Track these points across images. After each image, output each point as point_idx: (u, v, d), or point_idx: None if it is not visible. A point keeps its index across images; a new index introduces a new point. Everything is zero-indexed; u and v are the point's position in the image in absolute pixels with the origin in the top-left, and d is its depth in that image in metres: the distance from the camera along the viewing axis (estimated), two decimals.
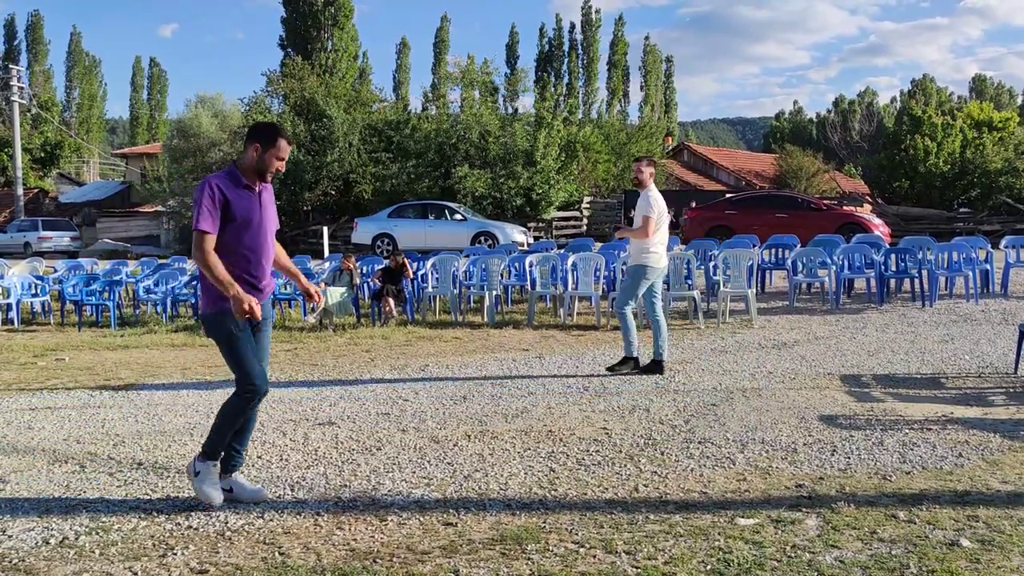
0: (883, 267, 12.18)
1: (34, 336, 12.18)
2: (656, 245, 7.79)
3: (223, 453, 4.39)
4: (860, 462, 4.92)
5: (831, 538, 3.77)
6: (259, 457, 5.32)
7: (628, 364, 7.89)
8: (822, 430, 5.64)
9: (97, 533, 4.06)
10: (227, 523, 4.15)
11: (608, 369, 7.94)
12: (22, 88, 41.15)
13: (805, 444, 5.31)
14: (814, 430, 5.65)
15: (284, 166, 4.41)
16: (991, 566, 3.44)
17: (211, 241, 4.25)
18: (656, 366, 7.83)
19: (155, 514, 4.30)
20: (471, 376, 7.97)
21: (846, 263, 12.54)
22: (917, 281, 11.96)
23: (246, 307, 4.15)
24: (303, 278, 4.74)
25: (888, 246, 13.70)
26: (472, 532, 3.97)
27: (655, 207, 7.74)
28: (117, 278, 14.56)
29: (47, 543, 3.96)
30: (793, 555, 3.60)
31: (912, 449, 5.13)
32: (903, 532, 3.82)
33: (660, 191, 8.05)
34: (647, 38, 73.39)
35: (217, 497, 4.34)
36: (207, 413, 6.64)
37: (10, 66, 43.85)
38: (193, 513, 4.30)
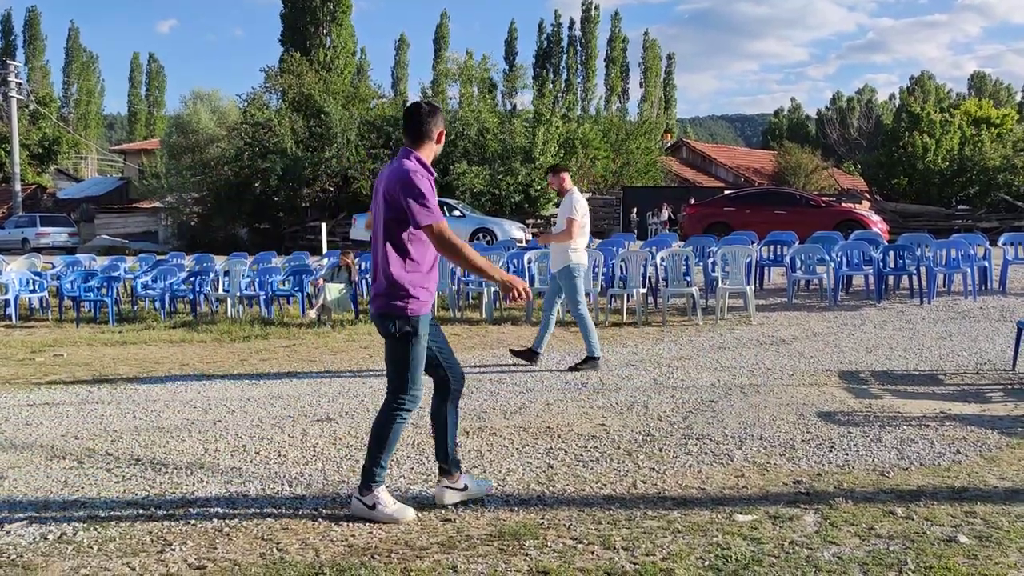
0: (881, 264, 12.18)
1: (32, 332, 12.17)
2: (580, 245, 7.99)
3: (451, 455, 4.28)
4: (858, 458, 4.92)
5: (829, 534, 3.77)
6: (257, 453, 5.32)
7: (591, 363, 7.98)
8: (820, 426, 5.65)
9: (95, 529, 4.06)
10: (225, 519, 4.15)
11: (570, 368, 8.02)
12: (20, 84, 41.09)
13: (803, 440, 5.32)
14: (812, 426, 5.65)
15: None
16: (988, 562, 3.44)
17: (449, 229, 4.01)
18: (531, 354, 8.17)
19: (153, 510, 4.30)
20: (469, 372, 7.95)
21: (844, 260, 12.55)
22: (915, 278, 11.97)
23: (520, 288, 4.16)
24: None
25: (887, 243, 13.71)
26: (470, 528, 3.97)
27: (578, 209, 7.92)
28: (115, 274, 14.53)
29: (45, 539, 3.95)
30: (791, 551, 3.60)
31: (910, 446, 5.14)
32: (901, 528, 3.82)
33: (659, 187, 8.12)
34: (646, 34, 73.34)
35: (407, 511, 4.06)
36: (205, 409, 6.65)
37: (7, 62, 43.72)
38: (191, 509, 4.30)
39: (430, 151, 4.21)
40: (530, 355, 8.20)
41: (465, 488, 4.27)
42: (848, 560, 3.49)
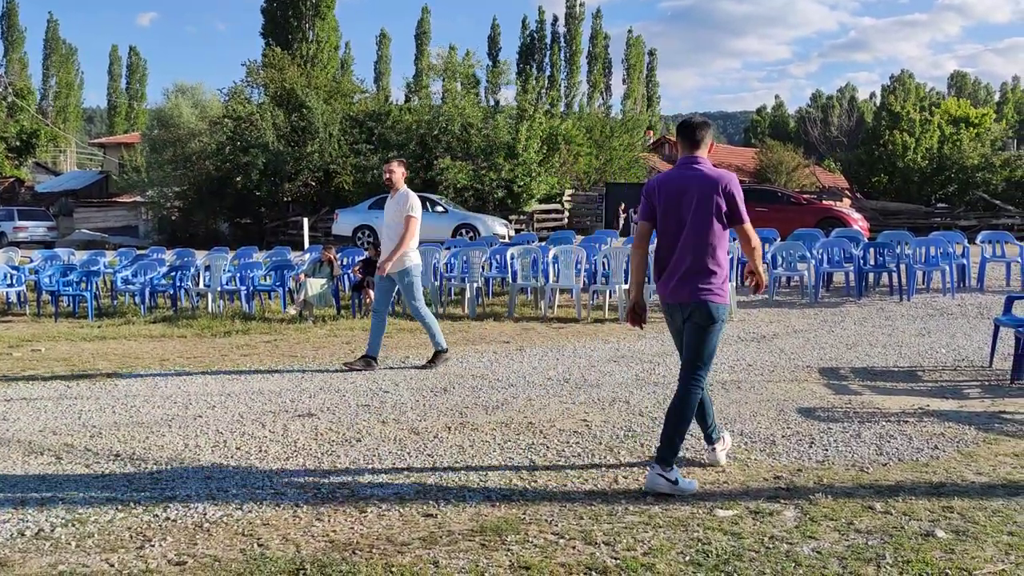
0: (862, 261, 12.27)
1: (9, 327, 12.05)
2: (415, 245, 7.87)
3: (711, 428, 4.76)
4: (838, 454, 4.96)
5: (809, 529, 3.80)
6: (238, 448, 5.30)
7: (441, 357, 7.99)
8: (800, 422, 5.68)
9: (73, 525, 4.03)
10: (205, 515, 4.13)
11: (423, 367, 7.96)
12: None
13: (784, 436, 5.35)
14: (792, 422, 5.69)
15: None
16: (965, 556, 3.48)
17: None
18: (367, 361, 7.98)
19: (132, 506, 4.28)
20: (451, 368, 7.97)
21: (825, 257, 12.63)
22: (895, 275, 12.06)
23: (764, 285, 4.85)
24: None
25: (867, 240, 13.80)
26: (452, 523, 3.97)
27: (418, 207, 7.82)
28: (95, 268, 14.42)
29: (22, 535, 3.92)
30: (771, 546, 3.62)
31: (889, 441, 5.18)
32: (879, 523, 3.86)
33: (642, 184, 8.11)
34: (630, 31, 73.47)
35: (695, 484, 4.43)
36: (185, 404, 6.61)
37: None
38: (171, 505, 4.27)
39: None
40: (366, 362, 7.97)
41: (676, 482, 4.36)
42: (827, 554, 3.52)
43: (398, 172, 7.89)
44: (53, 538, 3.88)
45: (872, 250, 12.72)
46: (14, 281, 14.46)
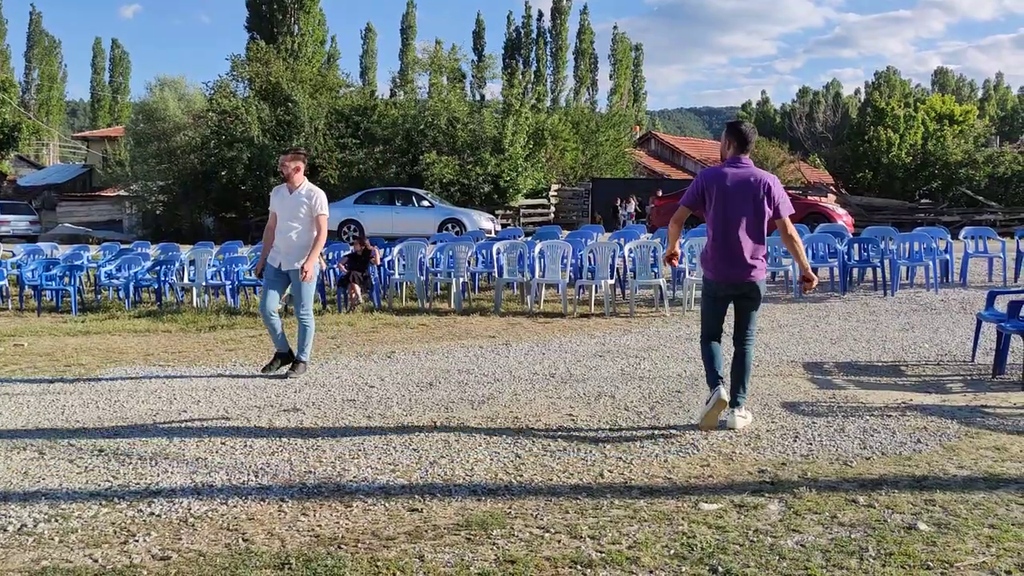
0: (846, 256, 12.33)
1: None
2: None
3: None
4: (822, 448, 4.99)
5: (793, 522, 3.82)
6: (223, 443, 5.28)
7: (300, 367, 7.49)
8: (785, 417, 5.72)
9: (56, 520, 4.00)
10: (190, 509, 4.12)
11: (285, 375, 7.42)
12: None
13: (768, 430, 5.38)
14: (777, 417, 5.72)
15: None
16: (947, 549, 3.51)
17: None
18: (298, 365, 7.50)
19: (116, 501, 4.26)
20: (437, 363, 7.96)
21: (810, 252, 12.67)
22: (879, 270, 12.13)
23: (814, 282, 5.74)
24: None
25: (851, 236, 13.87)
26: (437, 518, 3.97)
27: (327, 205, 7.50)
28: (78, 263, 14.32)
29: (4, 530, 3.90)
30: (755, 539, 3.64)
31: (872, 435, 5.21)
32: (863, 516, 3.88)
33: (628, 179, 8.08)
34: (615, 27, 73.49)
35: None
36: (169, 399, 6.58)
37: None
38: (155, 500, 4.26)
39: None
40: (287, 359, 7.56)
41: (746, 417, 5.54)
42: (811, 547, 3.54)
43: (291, 166, 7.35)
44: (36, 533, 3.86)
45: (856, 245, 12.79)
46: None
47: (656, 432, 5.38)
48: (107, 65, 79.43)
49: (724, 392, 5.36)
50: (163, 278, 13.33)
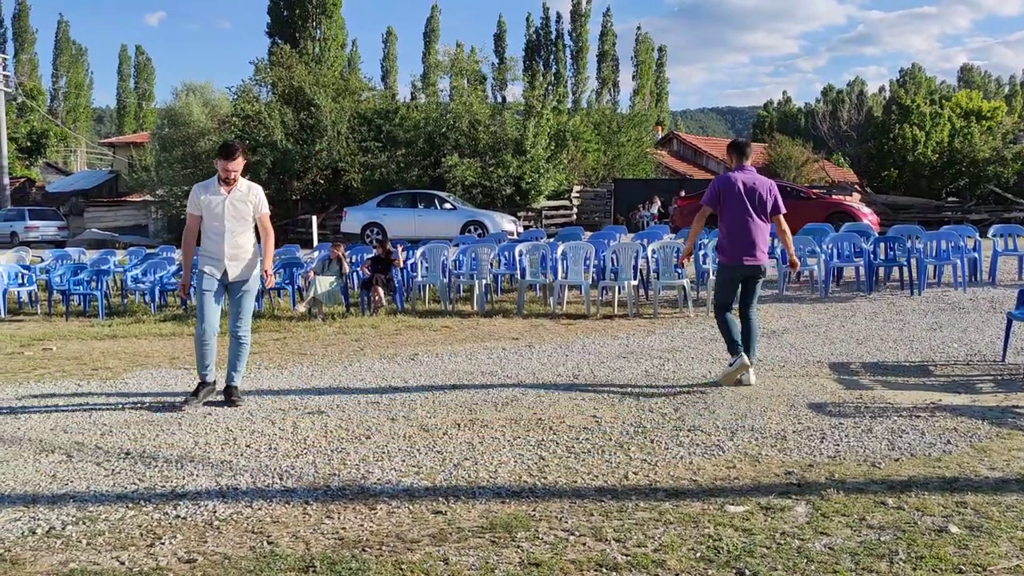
0: (872, 256, 12.21)
1: (21, 326, 12.10)
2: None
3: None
4: (849, 449, 4.93)
5: (820, 525, 3.78)
6: (248, 446, 5.30)
7: (229, 394, 6.54)
8: (811, 417, 5.66)
9: (84, 523, 4.03)
10: (215, 512, 4.13)
11: (188, 398, 6.47)
12: (8, 77, 40.81)
13: (794, 431, 5.32)
14: (803, 417, 5.66)
15: None
16: (979, 552, 3.45)
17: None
18: (230, 391, 6.53)
19: (143, 503, 4.28)
20: (461, 365, 7.96)
21: (835, 252, 12.57)
22: (906, 269, 12.00)
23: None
24: None
25: (877, 235, 13.73)
26: (462, 520, 3.96)
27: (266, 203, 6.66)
28: (105, 267, 14.47)
29: (34, 533, 3.93)
30: (783, 542, 3.60)
31: (901, 436, 5.15)
32: (892, 518, 3.83)
33: (650, 179, 8.10)
34: (639, 28, 73.36)
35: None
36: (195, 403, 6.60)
37: None
38: (181, 503, 4.28)
39: None
40: (207, 388, 6.51)
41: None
42: (839, 550, 3.50)
43: (240, 167, 6.49)
44: (64, 536, 3.88)
45: (883, 244, 12.66)
46: (25, 281, 14.53)
47: (681, 433, 5.34)
48: (132, 72, 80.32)
49: (747, 358, 6.58)
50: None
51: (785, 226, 6.90)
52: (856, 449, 4.93)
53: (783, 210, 6.83)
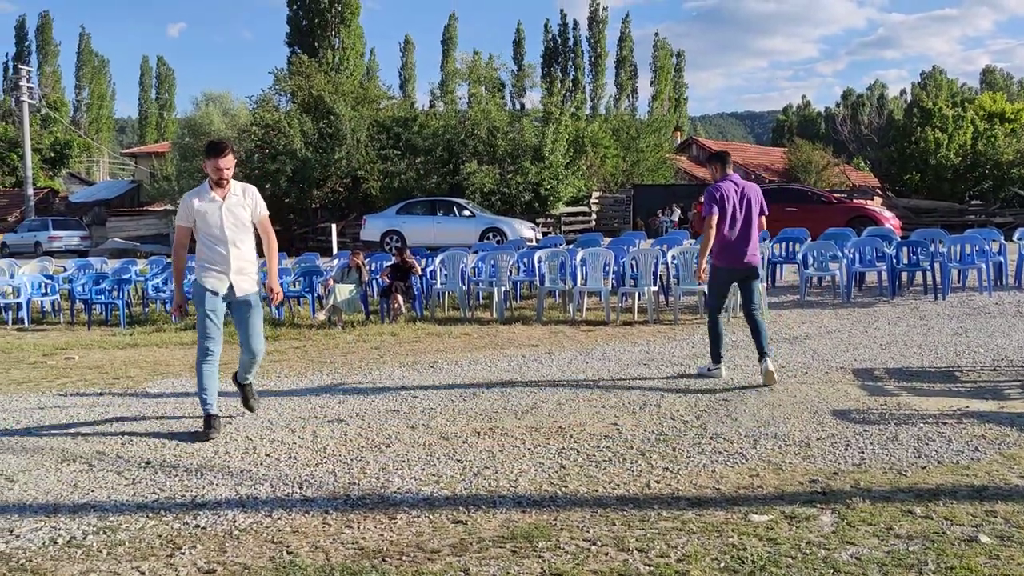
0: (895, 260, 12.08)
1: (44, 335, 12.19)
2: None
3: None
4: (874, 457, 4.85)
5: (846, 534, 3.71)
6: (267, 455, 5.29)
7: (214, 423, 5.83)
8: (835, 425, 5.58)
9: (105, 532, 4.03)
10: (235, 522, 4.12)
11: (193, 437, 5.78)
12: (31, 89, 41.28)
13: (818, 439, 5.25)
14: (827, 425, 5.59)
15: None
16: (1011, 562, 3.38)
17: None
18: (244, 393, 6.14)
19: (163, 513, 4.28)
20: (480, 372, 7.93)
21: (857, 256, 12.45)
22: (929, 274, 11.86)
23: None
24: None
25: (900, 239, 13.59)
26: (482, 530, 3.92)
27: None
28: (126, 277, 14.56)
29: (55, 543, 3.93)
30: (808, 552, 3.54)
31: (927, 443, 5.06)
32: (920, 528, 3.76)
33: (670, 185, 8.08)
34: (656, 34, 73.29)
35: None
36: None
37: (20, 67, 43.98)
38: (201, 512, 4.27)
39: None
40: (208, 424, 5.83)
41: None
42: (867, 561, 3.43)
43: (232, 167, 5.79)
44: (85, 546, 3.88)
45: (905, 249, 12.52)
46: (48, 290, 14.65)
47: (703, 441, 5.28)
48: (154, 82, 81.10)
49: (724, 371, 7.27)
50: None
51: (764, 226, 7.41)
52: (882, 457, 4.85)
53: (767, 212, 7.29)
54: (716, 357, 7.21)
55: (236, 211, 5.76)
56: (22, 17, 71.57)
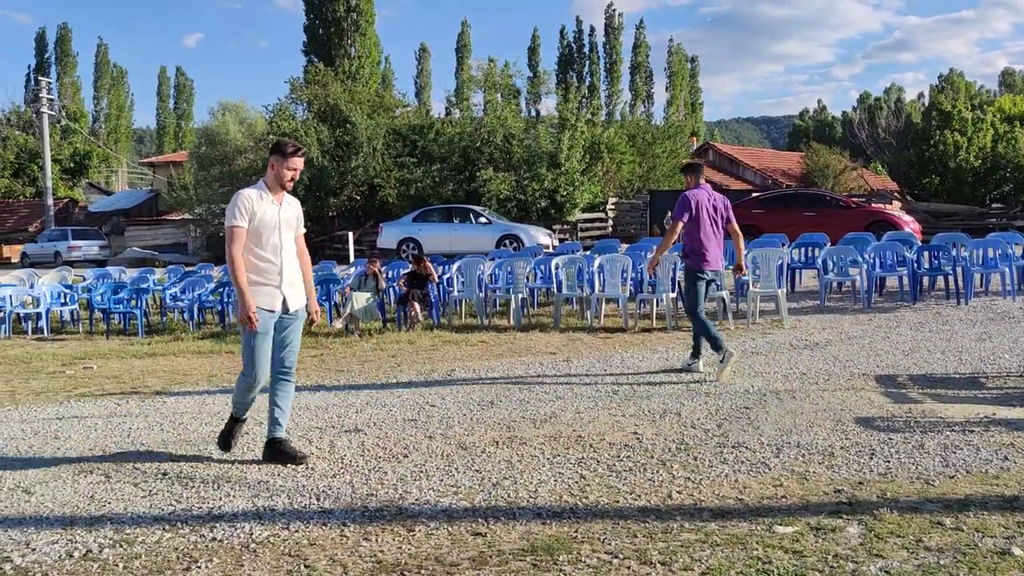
0: (916, 265, 11.94)
1: (63, 345, 12.24)
2: None
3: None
4: (901, 466, 4.76)
5: (875, 547, 3.62)
6: (284, 465, 5.25)
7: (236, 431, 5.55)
8: (859, 433, 5.49)
9: (121, 546, 4.00)
10: (252, 535, 4.08)
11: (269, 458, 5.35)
12: (51, 100, 41.64)
13: (842, 447, 5.16)
14: (851, 433, 5.49)
15: None
16: None
17: None
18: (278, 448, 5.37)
19: (179, 526, 4.24)
20: (498, 381, 7.88)
21: (878, 261, 12.31)
22: (951, 278, 11.71)
23: None
24: None
25: (920, 243, 13.44)
26: (502, 542, 3.86)
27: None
28: (144, 286, 14.62)
29: (71, 556, 3.90)
30: (836, 565, 3.46)
31: (955, 452, 4.96)
32: (951, 540, 3.67)
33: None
34: (671, 39, 73.20)
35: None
36: None
37: (40, 79, 44.37)
38: (217, 525, 4.23)
39: None
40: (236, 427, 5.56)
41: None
42: (896, 574, 3.35)
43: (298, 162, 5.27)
44: (101, 559, 3.85)
45: (927, 253, 12.38)
46: (67, 300, 14.72)
47: (725, 450, 5.20)
48: (172, 93, 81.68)
49: (701, 359, 7.88)
50: (226, 299, 13.50)
51: (739, 231, 7.89)
52: (908, 466, 4.76)
53: (734, 220, 7.80)
54: (717, 345, 7.48)
55: (289, 220, 5.30)
56: (42, 29, 71.94)
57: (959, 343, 8.71)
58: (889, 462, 4.84)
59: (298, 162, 5.22)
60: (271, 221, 5.18)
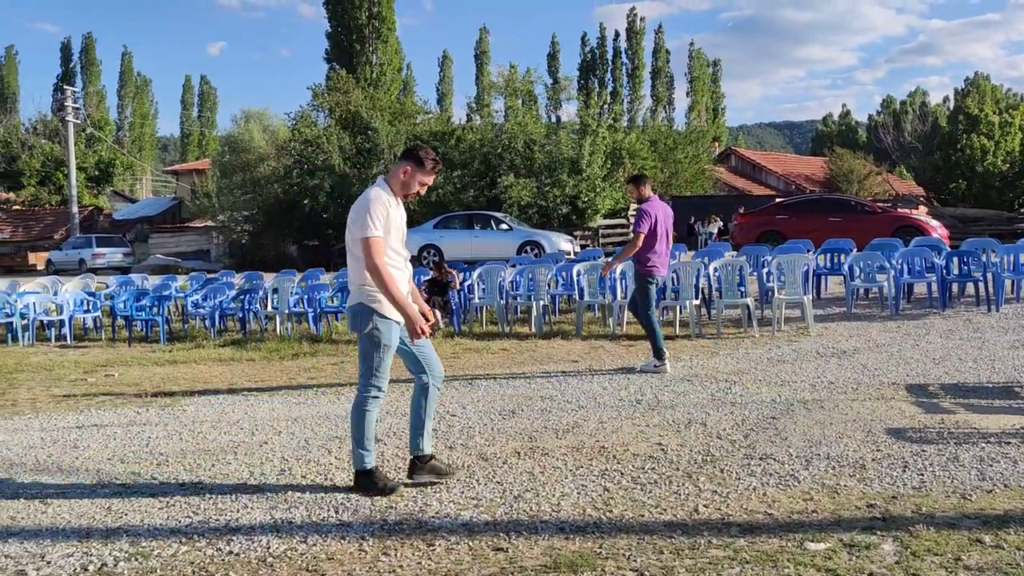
0: (945, 271, 11.72)
1: (85, 352, 12.26)
2: None
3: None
4: (935, 479, 4.61)
5: (911, 565, 3.49)
6: (303, 476, 5.18)
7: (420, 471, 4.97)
8: (891, 444, 5.34)
9: (137, 559, 3.93)
10: (269, 549, 3.99)
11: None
12: (77, 109, 42.02)
13: (874, 459, 5.02)
14: (882, 444, 5.34)
15: None
16: None
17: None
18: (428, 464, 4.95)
19: (196, 538, 4.16)
20: (519, 389, 7.77)
21: (906, 267, 12.10)
22: (981, 285, 11.48)
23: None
24: None
25: (949, 249, 13.21)
26: (524, 558, 3.75)
27: None
28: (166, 293, 14.64)
29: (86, 569, 3.83)
30: None
31: (991, 465, 4.81)
32: (991, 559, 3.52)
33: (709, 196, 8.00)
34: (692, 44, 72.87)
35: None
36: (251, 430, 6.53)
37: (65, 88, 44.85)
38: (234, 537, 4.15)
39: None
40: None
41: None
42: None
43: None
44: (116, 573, 3.78)
45: (956, 259, 12.16)
46: (90, 307, 14.77)
47: (752, 462, 5.07)
48: (196, 101, 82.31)
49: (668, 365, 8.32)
50: (247, 307, 13.50)
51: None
52: (943, 479, 4.61)
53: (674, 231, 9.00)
54: (659, 354, 8.28)
55: (401, 224, 4.84)
56: (67, 39, 72.78)
57: (991, 351, 8.52)
58: (923, 475, 4.69)
59: (431, 180, 4.91)
60: (401, 226, 4.78)
